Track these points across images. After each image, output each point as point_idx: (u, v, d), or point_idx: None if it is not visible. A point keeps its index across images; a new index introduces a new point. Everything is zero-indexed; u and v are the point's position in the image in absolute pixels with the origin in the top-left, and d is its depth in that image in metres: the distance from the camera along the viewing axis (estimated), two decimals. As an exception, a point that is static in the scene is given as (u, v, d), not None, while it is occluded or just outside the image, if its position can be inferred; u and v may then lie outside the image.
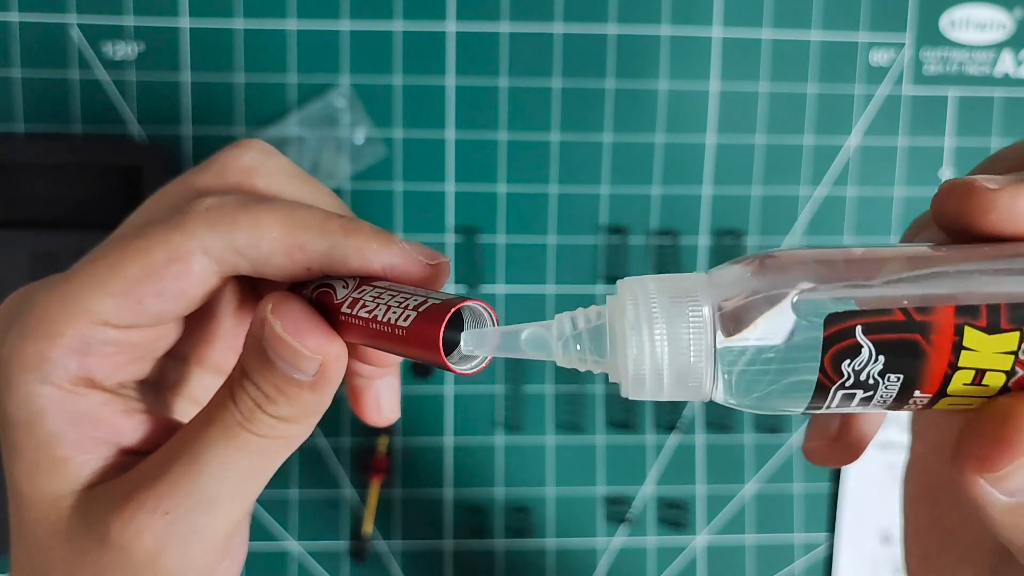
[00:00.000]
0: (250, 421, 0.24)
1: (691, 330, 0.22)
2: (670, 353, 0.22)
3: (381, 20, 0.46)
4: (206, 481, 0.25)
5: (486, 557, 0.48)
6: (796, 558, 0.49)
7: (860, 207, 0.49)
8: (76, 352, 0.25)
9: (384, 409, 0.30)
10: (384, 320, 0.24)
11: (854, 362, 0.21)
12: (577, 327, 0.23)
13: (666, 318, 0.22)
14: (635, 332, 0.22)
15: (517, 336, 0.23)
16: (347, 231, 0.25)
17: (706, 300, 0.22)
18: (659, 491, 0.48)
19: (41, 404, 0.25)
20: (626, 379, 0.22)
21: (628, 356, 0.22)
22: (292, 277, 0.26)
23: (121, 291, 0.25)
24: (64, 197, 0.45)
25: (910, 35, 0.49)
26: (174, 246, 0.25)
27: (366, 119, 0.46)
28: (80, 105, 0.45)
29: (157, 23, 0.45)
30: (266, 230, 0.25)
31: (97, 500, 0.25)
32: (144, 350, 0.27)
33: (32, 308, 0.25)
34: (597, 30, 0.47)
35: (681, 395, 0.22)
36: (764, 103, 0.48)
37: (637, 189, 0.48)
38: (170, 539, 0.25)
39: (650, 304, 0.22)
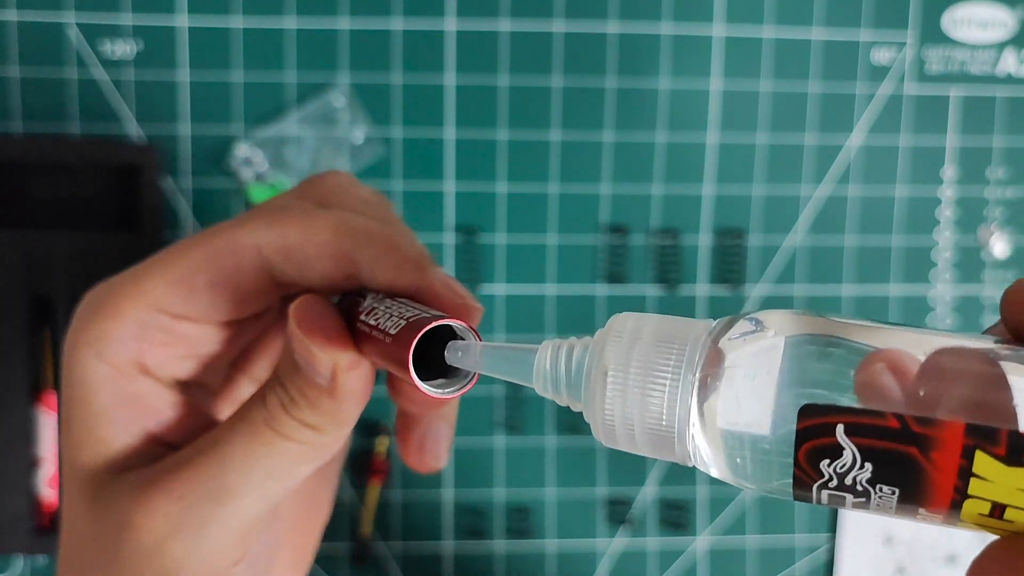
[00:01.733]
0: (275, 420, 0.25)
1: (667, 387, 0.19)
2: (641, 410, 0.20)
3: (380, 18, 0.46)
4: (224, 472, 0.25)
5: (486, 559, 0.48)
6: (797, 559, 0.49)
7: (862, 206, 0.49)
8: (133, 335, 0.26)
9: (427, 454, 0.30)
10: (380, 327, 0.24)
11: (835, 464, 0.18)
12: (559, 361, 0.21)
13: (644, 368, 0.20)
14: (610, 378, 0.20)
15: (500, 356, 0.22)
16: (389, 247, 0.25)
17: (694, 355, 0.19)
18: (659, 492, 0.48)
19: (96, 380, 0.26)
20: (596, 427, 0.21)
21: (597, 404, 0.20)
22: (333, 286, 0.26)
23: (179, 278, 0.26)
24: (61, 197, 0.45)
25: (912, 34, 0.49)
26: (233, 240, 0.26)
27: (365, 118, 0.46)
28: (78, 104, 0.45)
29: (155, 22, 0.45)
30: (316, 233, 0.25)
31: (125, 483, 0.26)
32: (195, 347, 0.27)
33: (106, 290, 0.27)
34: (598, 28, 0.47)
35: (658, 456, 0.20)
36: (765, 102, 0.48)
37: (638, 188, 0.48)
38: (181, 524, 0.25)
39: (633, 348, 0.20)
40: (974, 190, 0.50)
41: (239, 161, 0.46)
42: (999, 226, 0.50)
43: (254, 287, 0.26)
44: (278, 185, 0.46)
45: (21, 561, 0.45)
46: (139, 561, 0.25)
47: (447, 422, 0.30)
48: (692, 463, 0.20)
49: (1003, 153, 0.50)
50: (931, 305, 0.50)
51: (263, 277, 0.26)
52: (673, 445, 0.20)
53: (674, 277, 0.48)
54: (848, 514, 0.49)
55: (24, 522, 0.44)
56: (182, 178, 0.46)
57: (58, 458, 0.28)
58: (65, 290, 0.44)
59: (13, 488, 0.44)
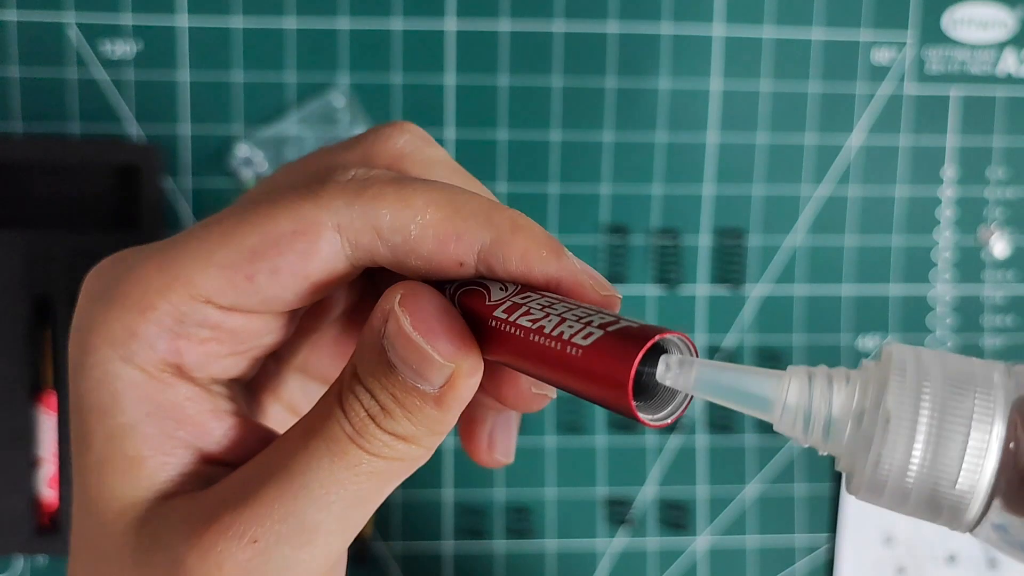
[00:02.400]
0: (362, 436, 0.20)
1: (970, 443, 0.16)
2: (931, 467, 0.17)
3: (380, 18, 0.46)
4: (305, 506, 0.20)
5: (486, 558, 0.47)
6: (797, 560, 0.49)
7: (862, 206, 0.49)
8: (168, 331, 0.21)
9: (496, 449, 0.26)
10: (554, 334, 0.19)
11: None
12: (813, 395, 0.18)
13: (940, 417, 0.16)
14: (894, 424, 0.17)
15: (729, 379, 0.19)
16: (516, 228, 0.21)
17: (1001, 403, 0.16)
18: (659, 492, 0.48)
19: (119, 388, 0.21)
20: (858, 479, 0.18)
21: (870, 454, 0.17)
22: (440, 273, 0.21)
23: (231, 263, 0.21)
24: (61, 197, 0.45)
25: (912, 34, 0.49)
26: (302, 216, 0.21)
27: (365, 118, 0.46)
28: (78, 104, 0.45)
29: (155, 22, 0.45)
30: (418, 211, 0.21)
31: (172, 515, 0.21)
32: (244, 343, 0.23)
33: (127, 275, 0.22)
34: (598, 28, 0.47)
35: (931, 519, 0.17)
36: (765, 102, 0.48)
37: (638, 188, 0.48)
38: (254, 573, 0.20)
39: (921, 390, 0.17)
40: (974, 190, 0.50)
41: (239, 161, 0.46)
42: (999, 226, 0.50)
43: (328, 274, 0.21)
44: (278, 185, 0.46)
45: (21, 561, 0.45)
46: None
47: (517, 416, 0.26)
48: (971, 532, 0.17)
49: (1003, 153, 0.49)
50: (931, 305, 0.50)
51: (340, 262, 0.21)
52: (962, 515, 0.17)
53: (674, 277, 0.48)
54: (848, 514, 0.49)
55: (24, 522, 0.44)
56: (182, 178, 0.46)
57: (74, 491, 0.23)
58: (65, 290, 0.44)
59: (13, 488, 0.44)
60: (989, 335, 0.50)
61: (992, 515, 0.16)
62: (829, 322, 0.49)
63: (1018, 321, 0.50)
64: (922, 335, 0.50)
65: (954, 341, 0.50)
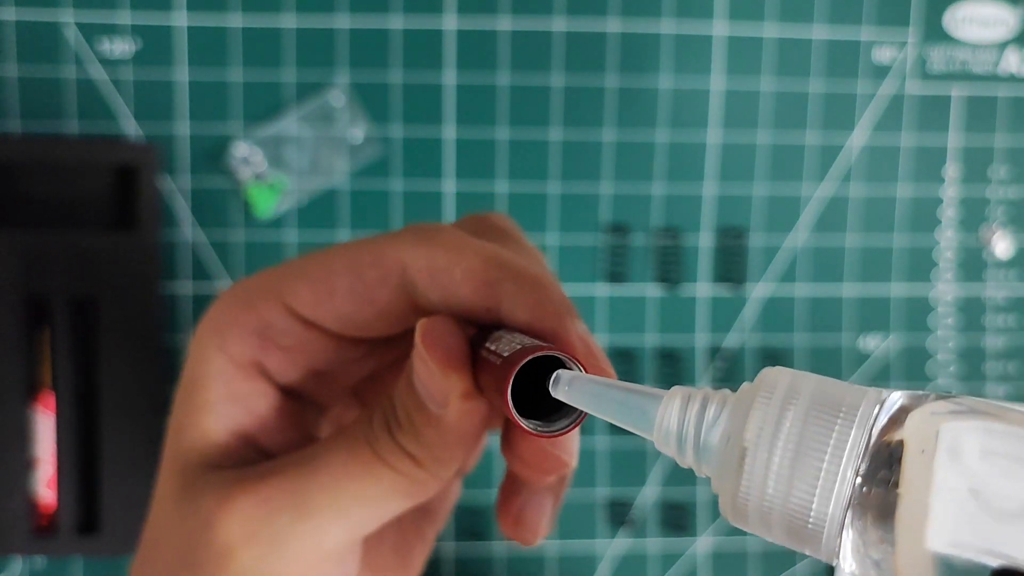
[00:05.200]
0: (377, 441, 0.24)
1: (823, 475, 0.16)
2: (784, 497, 0.16)
3: (379, 17, 0.46)
4: (313, 485, 0.24)
5: (486, 560, 0.47)
6: (798, 561, 0.49)
7: (864, 205, 0.49)
8: (257, 333, 0.26)
9: (524, 526, 0.27)
10: (497, 351, 0.22)
11: None
12: (687, 417, 0.18)
13: (798, 444, 0.16)
14: (750, 452, 0.17)
15: (614, 396, 0.19)
16: (536, 287, 0.24)
17: (864, 435, 0.16)
18: (660, 494, 0.48)
19: (212, 370, 0.26)
20: (724, 504, 0.18)
21: (731, 479, 0.17)
22: (471, 316, 0.25)
23: (317, 280, 0.25)
24: (59, 196, 0.45)
25: (914, 32, 0.48)
26: (379, 251, 0.25)
27: (364, 117, 0.46)
28: (76, 103, 0.45)
29: (153, 20, 0.45)
30: (464, 258, 0.24)
31: (213, 479, 0.25)
32: (317, 358, 0.26)
33: (243, 282, 0.27)
34: (598, 26, 0.47)
35: (796, 547, 0.17)
36: (767, 101, 0.48)
37: (638, 187, 0.47)
38: (258, 532, 0.24)
39: (786, 416, 0.16)
40: (976, 189, 0.49)
41: (237, 160, 0.45)
42: (1001, 226, 0.50)
43: (391, 305, 0.25)
44: (277, 184, 0.46)
45: (20, 562, 0.45)
46: (209, 564, 0.24)
47: (553, 495, 0.27)
48: (837, 565, 0.17)
49: (1005, 152, 0.49)
50: (932, 305, 0.49)
51: (402, 296, 0.25)
52: (819, 544, 0.17)
53: (675, 277, 0.48)
54: (850, 515, 0.49)
55: (22, 523, 0.44)
56: (180, 177, 0.46)
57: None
58: (62, 290, 0.44)
59: (10, 489, 0.44)
60: (991, 335, 0.50)
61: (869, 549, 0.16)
62: (831, 322, 0.49)
63: (1021, 321, 0.50)
64: (924, 335, 0.49)
65: (956, 341, 0.50)
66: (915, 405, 0.16)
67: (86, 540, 0.44)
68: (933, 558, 0.15)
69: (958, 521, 0.15)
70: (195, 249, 0.46)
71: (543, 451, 0.24)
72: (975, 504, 0.15)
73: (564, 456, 0.25)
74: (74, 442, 0.44)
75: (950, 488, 0.15)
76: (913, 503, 0.15)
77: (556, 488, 0.27)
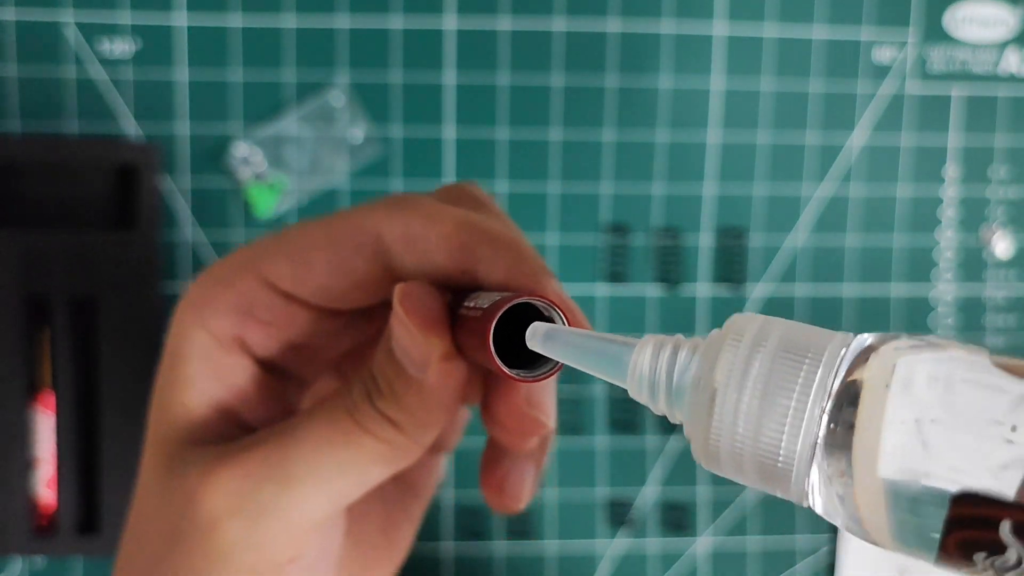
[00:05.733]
0: (358, 410, 0.24)
1: (791, 414, 0.16)
2: (754, 438, 0.17)
3: (379, 17, 0.46)
4: (295, 456, 0.24)
5: (486, 560, 0.47)
6: (799, 561, 0.49)
7: (864, 206, 0.49)
8: (237, 307, 0.26)
9: (507, 493, 0.27)
10: (477, 306, 0.22)
11: (995, 559, 0.15)
12: (659, 363, 0.18)
13: (766, 385, 0.16)
14: (720, 394, 0.17)
15: (590, 346, 0.19)
16: (509, 248, 0.24)
17: (831, 375, 0.16)
18: (660, 494, 0.48)
19: (192, 346, 0.26)
20: (697, 448, 0.18)
21: (701, 423, 0.17)
22: (449, 281, 0.25)
23: (293, 253, 0.25)
24: (59, 196, 0.45)
25: (914, 32, 0.48)
26: (354, 223, 0.25)
27: (364, 117, 0.46)
28: (76, 103, 0.45)
29: (153, 20, 0.45)
30: (439, 224, 0.24)
31: (195, 455, 0.25)
32: (298, 332, 0.26)
33: (221, 259, 0.27)
34: (598, 26, 0.47)
35: (767, 490, 0.17)
36: (767, 101, 0.48)
37: (639, 187, 0.47)
38: (242, 504, 0.24)
39: (753, 359, 0.17)
40: (976, 189, 0.49)
41: (237, 160, 0.45)
42: (1001, 226, 0.50)
43: (369, 274, 0.25)
44: (277, 184, 0.46)
45: (19, 562, 0.45)
46: (195, 538, 0.24)
47: (534, 463, 0.28)
48: (808, 505, 0.17)
49: (1005, 152, 0.49)
50: (932, 305, 0.49)
51: (379, 266, 0.25)
52: (788, 483, 0.17)
53: (675, 277, 0.48)
54: (850, 515, 0.49)
55: (21, 523, 0.44)
56: (180, 177, 0.46)
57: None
58: (63, 290, 0.44)
59: (10, 489, 0.44)
60: (991, 335, 0.50)
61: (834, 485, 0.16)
62: (831, 322, 0.49)
63: (1021, 321, 0.50)
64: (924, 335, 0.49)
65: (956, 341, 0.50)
66: (881, 344, 0.17)
67: (86, 540, 0.44)
68: (884, 486, 0.15)
69: (907, 449, 0.15)
70: (195, 249, 0.46)
71: (521, 413, 0.25)
72: (921, 432, 0.15)
73: (542, 417, 0.25)
74: (74, 442, 0.44)
75: (900, 418, 0.15)
76: (868, 435, 0.15)
77: (537, 454, 0.28)
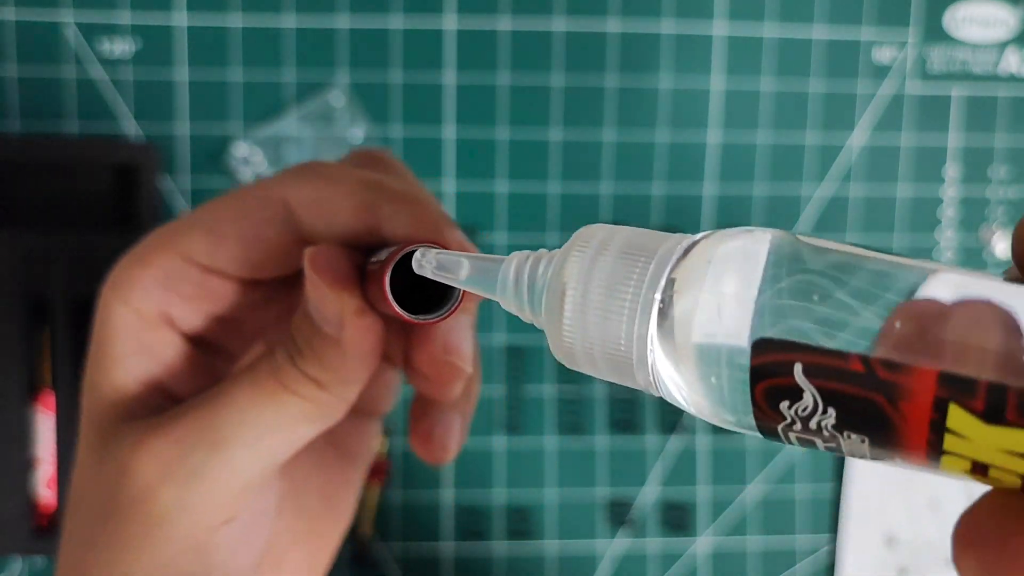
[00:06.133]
0: (280, 371, 0.25)
1: (627, 307, 0.17)
2: (601, 332, 0.18)
3: (379, 16, 0.46)
4: (223, 420, 0.25)
5: (486, 560, 0.47)
6: (799, 561, 0.49)
7: (864, 206, 0.49)
8: (159, 284, 0.26)
9: (435, 443, 0.28)
10: (378, 259, 0.23)
11: (796, 406, 0.16)
12: (522, 273, 0.20)
13: (606, 284, 0.18)
14: (569, 294, 0.18)
15: (467, 266, 0.21)
16: (410, 203, 0.25)
17: (662, 269, 0.17)
18: (660, 493, 0.48)
19: (118, 325, 0.26)
20: (555, 348, 0.19)
21: (555, 323, 0.19)
22: (358, 241, 0.26)
23: (207, 227, 0.26)
24: (59, 196, 0.45)
25: (914, 32, 0.48)
26: (263, 193, 0.26)
27: (364, 117, 0.46)
28: (76, 103, 0.45)
29: (153, 20, 0.45)
30: (341, 186, 0.25)
31: (129, 429, 0.26)
32: (220, 304, 0.27)
33: (146, 239, 0.27)
34: (598, 27, 0.47)
35: (622, 382, 0.19)
36: (767, 101, 0.48)
37: (639, 187, 0.47)
38: (173, 470, 0.24)
39: (596, 261, 0.18)
40: (976, 189, 0.49)
41: (237, 160, 0.45)
42: (1001, 226, 0.50)
43: (281, 242, 0.26)
44: (277, 184, 0.46)
45: (19, 562, 0.45)
46: (131, 507, 0.25)
47: (460, 414, 0.29)
48: (658, 393, 0.18)
49: (1005, 152, 0.49)
50: (933, 305, 0.49)
51: (290, 232, 0.26)
52: (633, 372, 0.18)
53: (675, 277, 0.48)
54: (850, 515, 0.49)
55: (22, 523, 0.44)
56: (180, 177, 0.46)
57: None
58: (63, 290, 0.44)
59: (10, 489, 0.43)
60: (991, 335, 0.50)
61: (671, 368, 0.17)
62: (831, 322, 0.49)
63: (1020, 321, 0.50)
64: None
65: (956, 341, 0.50)
66: (705, 237, 0.18)
67: (86, 540, 0.44)
68: (696, 352, 0.17)
69: (710, 317, 0.16)
70: (195, 249, 0.46)
71: (439, 360, 0.26)
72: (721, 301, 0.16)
73: (459, 362, 0.26)
74: (74, 442, 0.44)
75: (707, 291, 0.17)
76: (682, 311, 0.17)
77: (462, 404, 0.29)
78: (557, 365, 0.47)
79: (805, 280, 0.16)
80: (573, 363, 0.19)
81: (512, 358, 0.47)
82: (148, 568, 0.25)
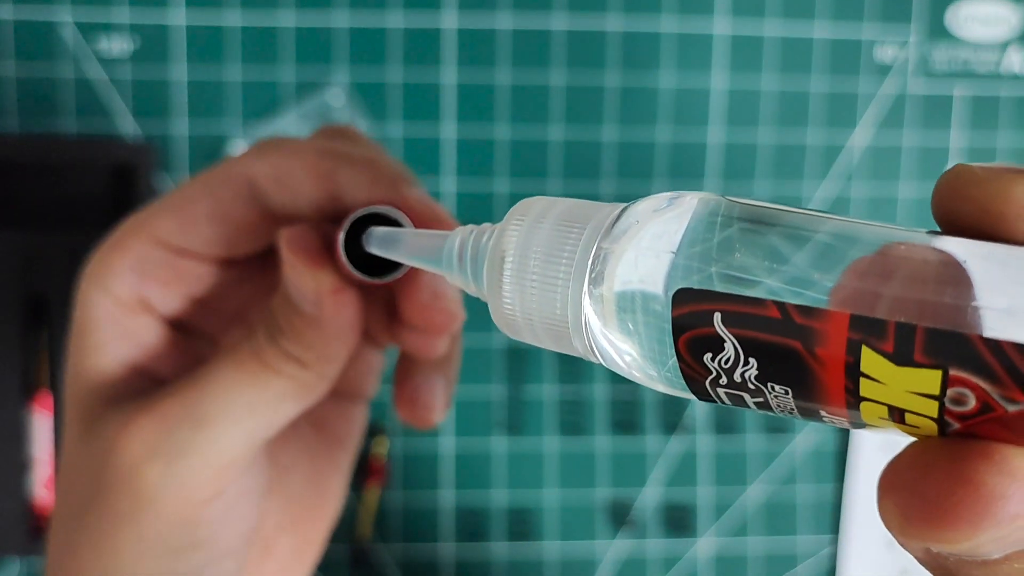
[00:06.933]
0: (262, 350, 0.25)
1: (561, 276, 0.18)
2: (538, 301, 0.18)
3: (378, 14, 0.46)
4: (206, 398, 0.25)
5: (486, 562, 0.47)
6: (800, 562, 0.49)
7: (866, 205, 0.48)
8: (134, 269, 0.27)
9: (420, 404, 0.28)
10: (340, 228, 0.24)
11: (719, 358, 0.16)
12: (466, 247, 0.20)
13: (542, 254, 0.18)
14: (507, 265, 0.19)
15: (416, 243, 0.22)
16: (366, 165, 0.26)
17: (593, 238, 0.18)
18: (661, 495, 0.48)
19: (97, 312, 0.27)
20: (496, 319, 0.19)
21: (495, 294, 0.19)
22: (323, 212, 0.26)
23: (177, 210, 0.26)
24: (57, 196, 0.45)
25: (916, 31, 0.48)
26: (228, 171, 0.26)
27: (363, 115, 0.46)
28: (74, 102, 0.45)
29: (151, 19, 0.45)
30: (303, 157, 0.26)
31: (114, 412, 0.26)
32: (197, 286, 0.28)
33: (121, 226, 0.28)
34: (599, 24, 0.47)
35: (562, 350, 0.19)
36: (769, 99, 0.48)
37: (640, 186, 0.47)
38: (158, 447, 0.25)
39: (533, 232, 0.18)
40: (979, 189, 0.49)
41: (236, 159, 0.45)
42: (1004, 225, 0.49)
43: (249, 219, 0.27)
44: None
45: (17, 563, 0.45)
46: (117, 485, 0.25)
47: (444, 375, 0.29)
48: (597, 360, 0.18)
49: (1008, 152, 0.49)
50: (935, 305, 0.49)
51: (257, 209, 0.26)
52: (570, 337, 0.18)
53: (676, 277, 0.48)
54: (852, 517, 0.48)
55: (19, 524, 0.43)
56: (178, 176, 0.45)
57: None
58: (60, 290, 0.43)
59: (7, 490, 0.43)
60: (994, 335, 0.49)
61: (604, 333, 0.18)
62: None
63: None
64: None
65: (959, 341, 0.49)
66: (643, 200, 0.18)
67: (83, 541, 0.44)
68: (615, 298, 0.17)
69: (626, 265, 0.17)
70: (193, 249, 0.46)
71: (429, 306, 0.26)
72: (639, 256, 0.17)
73: (446, 304, 0.26)
74: (71, 443, 0.44)
75: (629, 250, 0.17)
76: (609, 272, 0.17)
77: (446, 366, 0.29)
78: (558, 366, 0.47)
79: (728, 234, 0.16)
80: (515, 333, 0.19)
81: (512, 359, 0.47)
82: (137, 544, 0.25)
